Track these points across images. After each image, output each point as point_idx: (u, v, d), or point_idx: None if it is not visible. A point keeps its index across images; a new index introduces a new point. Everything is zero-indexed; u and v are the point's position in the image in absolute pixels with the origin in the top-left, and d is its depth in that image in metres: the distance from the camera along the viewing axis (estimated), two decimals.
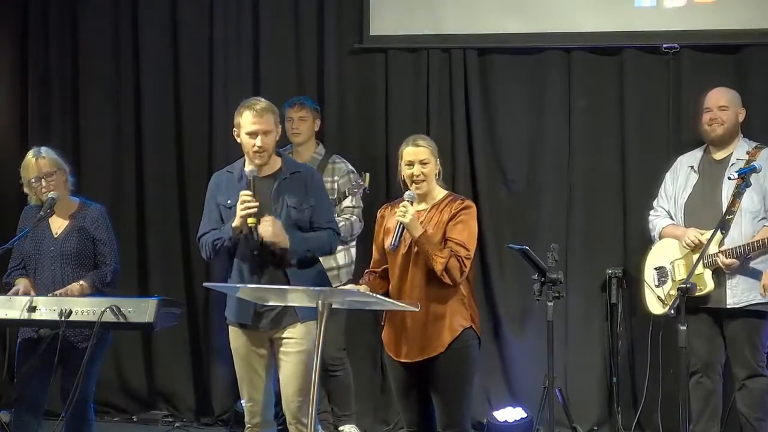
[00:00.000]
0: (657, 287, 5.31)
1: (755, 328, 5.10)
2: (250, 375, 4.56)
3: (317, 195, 4.55)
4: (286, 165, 4.57)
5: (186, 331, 6.77)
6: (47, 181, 4.95)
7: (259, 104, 4.48)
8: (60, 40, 6.99)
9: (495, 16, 6.44)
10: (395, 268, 4.38)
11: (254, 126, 4.43)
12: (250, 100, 4.53)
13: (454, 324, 4.29)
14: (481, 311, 6.29)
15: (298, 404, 4.41)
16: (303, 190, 4.50)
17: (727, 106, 5.28)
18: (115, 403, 6.87)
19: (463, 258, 4.25)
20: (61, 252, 4.96)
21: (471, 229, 4.32)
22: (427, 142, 4.40)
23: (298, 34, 6.72)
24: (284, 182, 4.48)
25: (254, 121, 4.43)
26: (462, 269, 4.25)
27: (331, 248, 4.60)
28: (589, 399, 6.32)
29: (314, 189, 4.55)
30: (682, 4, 6.19)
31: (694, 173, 5.31)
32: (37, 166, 4.97)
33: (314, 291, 4.05)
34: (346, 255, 5.88)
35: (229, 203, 4.51)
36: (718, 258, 5.00)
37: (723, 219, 4.84)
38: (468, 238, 4.29)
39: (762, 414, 5.11)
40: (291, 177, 4.52)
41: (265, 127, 4.44)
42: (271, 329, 4.48)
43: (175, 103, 6.90)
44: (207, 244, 4.54)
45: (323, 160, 5.99)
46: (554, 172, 6.42)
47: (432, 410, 4.40)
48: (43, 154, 5.00)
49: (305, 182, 4.53)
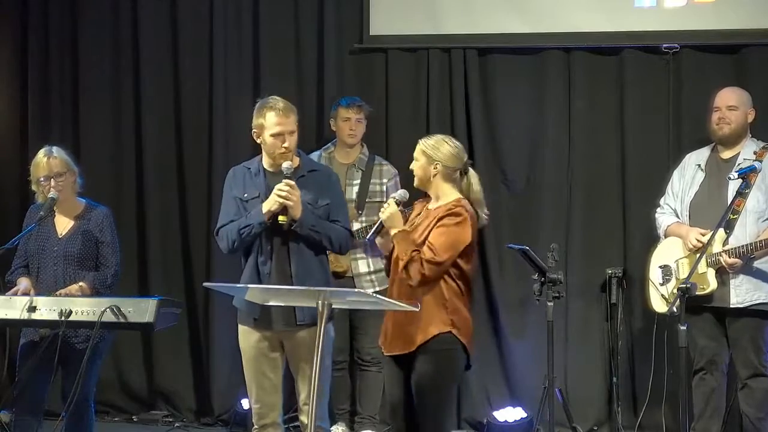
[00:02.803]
0: (661, 285, 5.30)
1: (759, 328, 5.11)
2: (258, 377, 4.54)
3: (333, 194, 4.55)
4: (304, 163, 4.57)
5: (186, 331, 6.76)
6: (56, 181, 4.95)
7: (281, 104, 4.48)
8: (60, 40, 6.99)
9: (495, 16, 6.44)
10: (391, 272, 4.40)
11: (279, 127, 4.43)
12: (269, 101, 4.51)
13: (429, 327, 4.21)
14: (481, 311, 6.33)
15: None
16: (319, 188, 4.50)
17: (736, 106, 5.26)
18: (115, 403, 6.87)
19: (426, 260, 4.14)
20: (65, 252, 4.96)
21: (450, 235, 4.19)
22: (423, 141, 4.37)
23: (298, 34, 6.72)
24: (301, 180, 4.47)
25: (279, 122, 4.43)
26: (421, 271, 4.15)
27: (340, 245, 4.52)
28: (589, 399, 6.32)
29: (331, 188, 4.55)
30: (682, 4, 6.20)
31: (701, 172, 5.31)
32: (48, 166, 4.96)
33: (314, 291, 4.05)
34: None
35: (246, 196, 4.52)
36: (722, 257, 5.00)
37: (724, 217, 4.83)
38: (442, 243, 4.17)
39: (764, 413, 5.12)
40: (308, 175, 4.52)
41: (290, 127, 4.45)
42: (283, 329, 4.47)
43: (175, 103, 6.89)
44: (231, 233, 4.49)
45: (369, 161, 6.01)
46: (554, 172, 6.42)
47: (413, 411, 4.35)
48: (54, 154, 4.99)
49: (322, 181, 4.53)
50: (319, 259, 4.54)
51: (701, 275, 5.02)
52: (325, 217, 4.49)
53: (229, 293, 4.55)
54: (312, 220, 4.40)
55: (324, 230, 4.43)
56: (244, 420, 6.12)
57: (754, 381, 5.12)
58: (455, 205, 4.27)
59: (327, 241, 4.47)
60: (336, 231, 4.47)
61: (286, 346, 4.53)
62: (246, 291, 4.44)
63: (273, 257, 4.46)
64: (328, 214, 4.50)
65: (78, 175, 5.08)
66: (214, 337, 6.65)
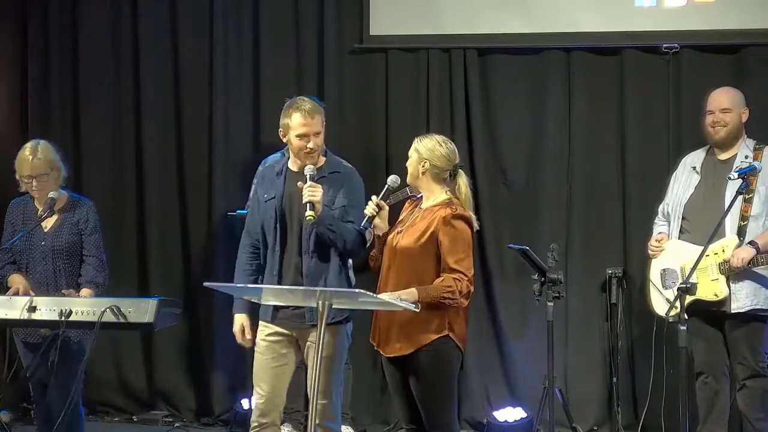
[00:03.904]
0: (665, 289, 5.26)
1: (756, 330, 5.10)
2: (266, 372, 4.51)
3: (351, 196, 4.52)
4: (329, 164, 4.57)
5: (186, 331, 6.76)
6: (38, 181, 4.96)
7: (307, 104, 4.48)
8: (60, 38, 6.98)
9: (495, 16, 6.44)
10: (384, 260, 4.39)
11: (304, 128, 4.43)
12: (296, 101, 4.51)
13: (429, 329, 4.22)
14: (481, 311, 6.34)
15: (320, 407, 4.37)
16: (338, 190, 4.49)
17: (730, 108, 5.22)
18: (115, 403, 6.87)
19: (465, 290, 4.20)
20: (53, 246, 4.98)
21: (465, 244, 4.26)
22: (418, 140, 4.39)
23: (298, 34, 6.71)
24: (322, 180, 4.47)
25: (304, 122, 4.43)
26: (464, 296, 4.21)
27: (354, 246, 4.48)
28: (589, 399, 6.32)
29: (350, 190, 4.52)
30: (682, 4, 6.20)
31: (696, 174, 5.28)
32: (30, 166, 4.97)
33: (314, 291, 4.03)
34: None
35: (266, 197, 4.53)
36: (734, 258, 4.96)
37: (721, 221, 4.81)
38: (464, 260, 4.24)
39: (763, 414, 5.11)
40: (330, 176, 4.51)
41: (315, 128, 4.45)
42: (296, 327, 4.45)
43: (175, 102, 6.89)
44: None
45: None
46: (554, 172, 6.42)
47: None
48: (39, 154, 4.99)
49: (342, 182, 4.52)
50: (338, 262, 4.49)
51: (713, 282, 5.01)
52: (340, 218, 4.48)
53: (229, 293, 4.55)
54: (330, 219, 4.41)
55: (340, 230, 4.41)
56: (244, 420, 6.11)
57: (752, 381, 5.11)
58: (450, 204, 4.32)
59: (341, 242, 4.42)
60: (351, 233, 4.45)
61: (302, 346, 4.52)
62: (246, 291, 4.44)
63: (287, 256, 4.46)
64: (343, 215, 4.50)
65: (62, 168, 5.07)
66: (214, 337, 6.65)
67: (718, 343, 5.18)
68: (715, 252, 5.00)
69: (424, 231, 4.28)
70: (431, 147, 4.35)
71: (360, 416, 6.35)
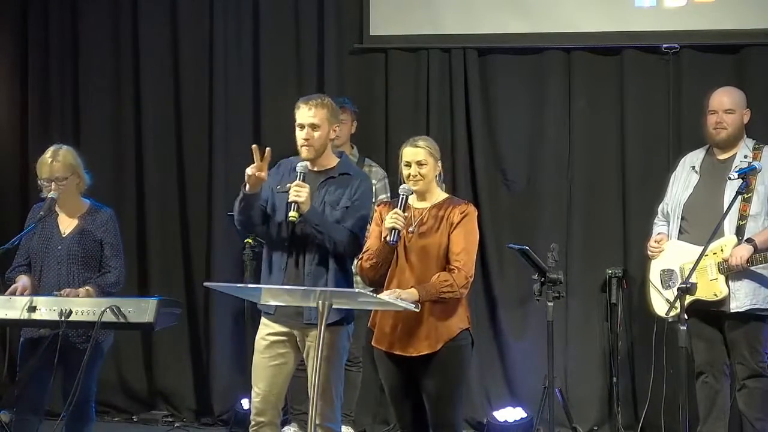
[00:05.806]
0: (665, 290, 5.26)
1: (756, 330, 5.09)
2: (264, 370, 4.49)
3: (355, 199, 4.49)
4: (340, 165, 4.55)
5: (186, 331, 6.76)
6: (57, 184, 4.93)
7: (314, 99, 4.49)
8: (60, 39, 6.99)
9: (495, 16, 6.45)
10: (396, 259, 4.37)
11: (302, 119, 4.44)
12: (309, 96, 4.55)
13: (452, 324, 4.28)
14: (481, 311, 6.34)
15: (320, 409, 4.36)
16: (344, 192, 4.48)
17: (732, 109, 5.21)
18: (115, 403, 6.87)
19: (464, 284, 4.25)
20: (68, 252, 4.95)
21: (473, 242, 4.35)
22: (427, 143, 4.39)
23: (298, 34, 6.72)
24: (330, 180, 4.47)
25: (302, 113, 4.45)
26: (461, 292, 4.26)
27: (345, 247, 4.43)
28: (589, 399, 6.32)
29: (355, 193, 4.50)
30: (682, 4, 6.20)
31: (695, 174, 5.28)
32: (50, 169, 4.94)
33: (314, 291, 4.03)
34: None
35: (278, 188, 4.52)
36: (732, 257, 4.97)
37: (721, 221, 4.81)
38: (470, 260, 4.31)
39: (762, 414, 5.11)
40: (339, 177, 4.50)
41: (312, 120, 4.42)
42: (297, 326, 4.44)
43: (175, 102, 6.89)
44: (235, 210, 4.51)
45: (358, 163, 5.99)
46: (554, 172, 6.42)
47: (425, 410, 4.37)
48: (60, 157, 4.94)
49: (350, 185, 4.50)
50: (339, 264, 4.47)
51: (712, 282, 5.01)
52: (340, 219, 4.47)
53: (229, 293, 4.54)
54: (317, 219, 4.39)
55: (327, 231, 4.37)
56: (244, 420, 6.09)
57: (752, 381, 5.11)
58: (460, 202, 4.40)
59: (330, 243, 4.38)
60: (340, 234, 4.41)
61: (301, 346, 4.51)
62: (245, 291, 4.44)
63: (289, 255, 4.46)
64: (342, 215, 4.48)
65: (85, 176, 5.06)
66: (214, 337, 6.65)
67: (718, 343, 5.18)
68: (714, 252, 5.00)
69: (442, 228, 4.31)
70: (437, 148, 4.42)
71: (360, 416, 6.34)
